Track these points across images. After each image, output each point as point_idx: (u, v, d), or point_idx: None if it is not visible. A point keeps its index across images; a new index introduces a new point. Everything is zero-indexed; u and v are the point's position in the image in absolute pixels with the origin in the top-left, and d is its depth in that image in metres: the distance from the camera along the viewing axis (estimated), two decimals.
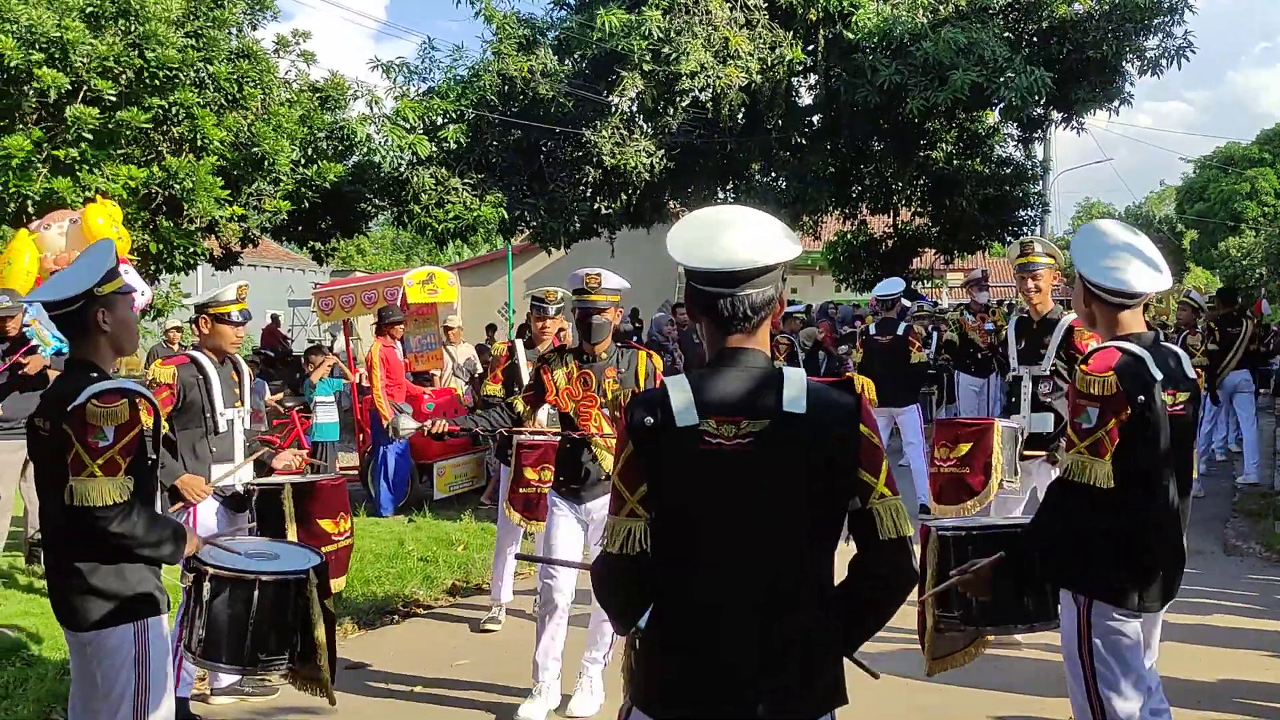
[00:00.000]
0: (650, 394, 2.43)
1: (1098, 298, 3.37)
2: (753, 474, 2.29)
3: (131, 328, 3.54)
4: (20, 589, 6.97)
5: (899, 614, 2.44)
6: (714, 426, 2.30)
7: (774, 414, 2.29)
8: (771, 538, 2.30)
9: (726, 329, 2.39)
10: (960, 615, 3.62)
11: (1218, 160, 44.41)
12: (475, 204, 15.74)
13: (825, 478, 2.31)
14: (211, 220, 11.93)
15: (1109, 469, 3.15)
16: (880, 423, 9.95)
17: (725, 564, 2.31)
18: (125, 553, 3.30)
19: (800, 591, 2.31)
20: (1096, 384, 3.17)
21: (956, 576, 3.46)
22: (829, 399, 2.35)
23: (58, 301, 3.42)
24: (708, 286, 2.37)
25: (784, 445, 2.29)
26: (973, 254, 23.03)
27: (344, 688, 5.39)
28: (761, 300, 2.37)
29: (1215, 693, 5.21)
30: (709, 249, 2.37)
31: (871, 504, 2.33)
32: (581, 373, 5.18)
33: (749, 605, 2.29)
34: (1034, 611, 3.59)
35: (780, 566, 2.31)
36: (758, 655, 2.28)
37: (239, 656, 3.76)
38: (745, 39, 15.95)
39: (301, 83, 14.91)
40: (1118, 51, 15.80)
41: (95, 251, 3.57)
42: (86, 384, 3.29)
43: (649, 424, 2.34)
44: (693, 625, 2.32)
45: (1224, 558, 8.27)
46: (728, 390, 2.34)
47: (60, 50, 10.54)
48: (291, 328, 27.91)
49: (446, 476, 10.13)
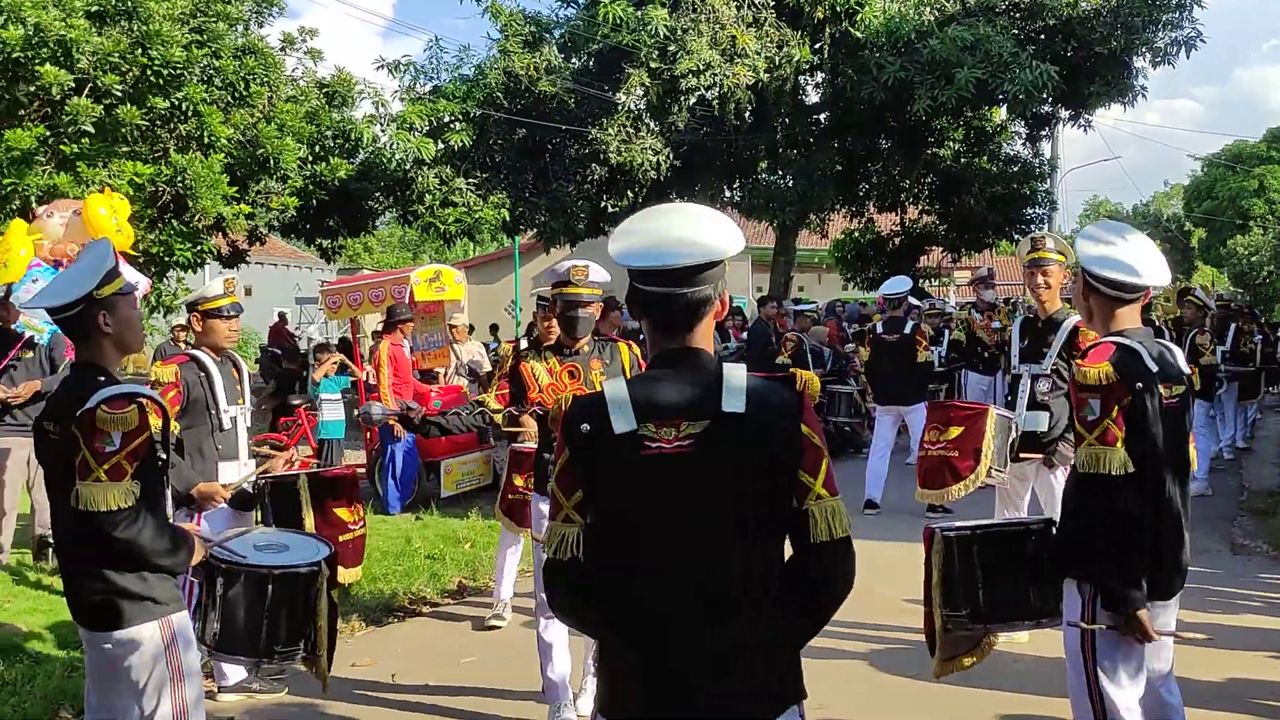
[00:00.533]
0: (588, 400, 2.38)
1: (1097, 291, 3.44)
2: (693, 476, 2.25)
3: (135, 325, 3.52)
4: (29, 585, 6.98)
5: (898, 611, 2.43)
6: (653, 431, 2.26)
7: (713, 414, 2.25)
8: (714, 539, 2.26)
9: (666, 329, 2.36)
10: (968, 614, 3.61)
11: (1226, 158, 44.31)
12: (479, 204, 15.75)
13: (768, 476, 2.27)
14: (219, 218, 11.94)
15: (1123, 455, 3.20)
16: (888, 421, 10.01)
17: (668, 568, 2.27)
18: (132, 561, 3.29)
19: (746, 592, 2.27)
20: (1094, 375, 3.24)
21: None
22: (770, 397, 2.30)
23: (58, 307, 3.40)
24: (645, 286, 2.33)
25: (724, 446, 2.25)
26: (980, 252, 22.99)
27: (350, 685, 5.42)
28: (699, 298, 2.32)
29: (1224, 692, 5.20)
30: (644, 246, 2.33)
31: (808, 505, 2.29)
32: (565, 366, 5.07)
33: (694, 609, 2.25)
34: (1041, 607, 3.59)
35: (725, 568, 2.27)
36: (708, 659, 2.25)
37: (255, 649, 3.76)
38: (752, 37, 15.95)
39: (308, 80, 14.92)
40: (1127, 46, 15.75)
41: (93, 253, 3.53)
42: (95, 388, 3.27)
43: (585, 431, 2.31)
44: (639, 632, 2.29)
45: (1231, 557, 8.24)
46: (666, 393, 2.29)
47: (64, 49, 10.56)
48: (299, 325, 27.95)
49: (454, 474, 10.14)
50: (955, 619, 3.62)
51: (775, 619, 2.30)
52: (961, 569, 3.59)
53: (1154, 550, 3.31)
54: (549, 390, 5.01)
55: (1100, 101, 17.03)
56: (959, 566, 3.59)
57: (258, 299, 29.64)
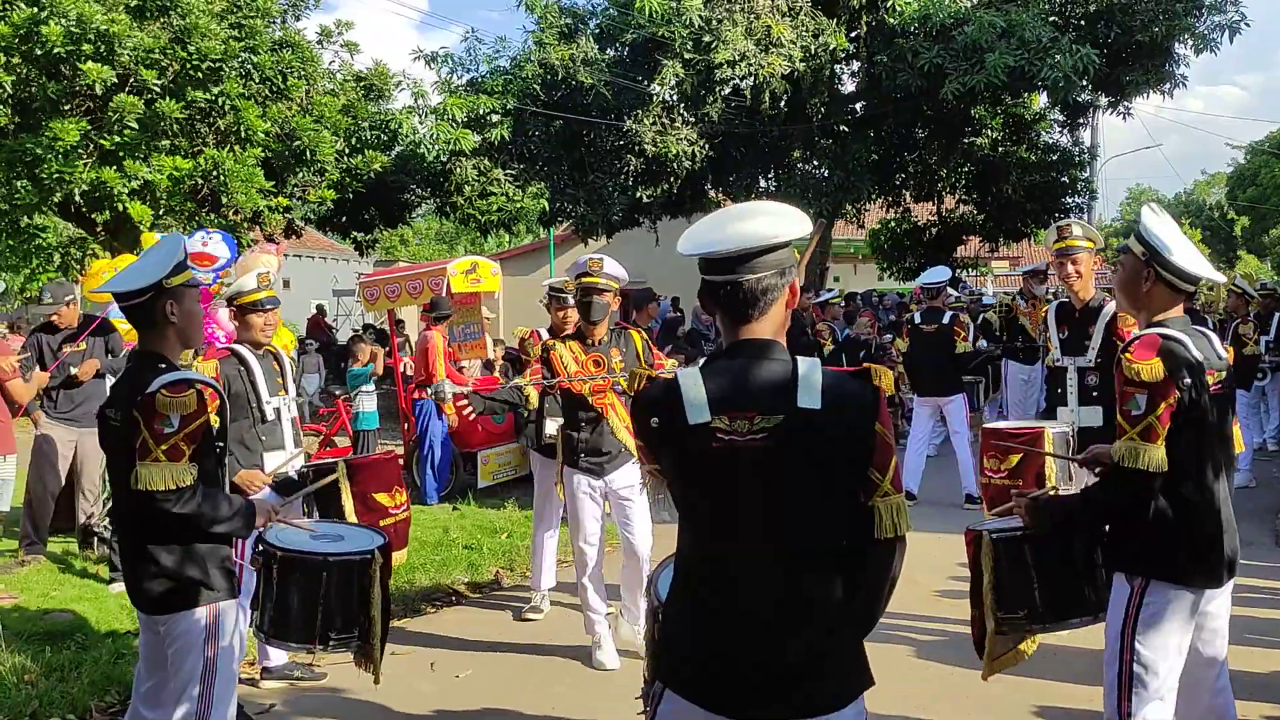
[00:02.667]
0: (659, 391, 2.37)
1: (1168, 282, 3.35)
2: (766, 470, 2.25)
3: (198, 321, 3.62)
4: (75, 574, 7.09)
5: (931, 603, 2.44)
6: (726, 423, 2.26)
7: (788, 410, 2.25)
8: (786, 532, 2.28)
9: (735, 318, 2.35)
10: (1025, 615, 3.56)
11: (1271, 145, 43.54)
12: (518, 195, 15.78)
13: (840, 473, 2.29)
14: (256, 211, 12.05)
15: (1162, 454, 3.16)
16: (925, 412, 9.93)
17: (739, 558, 2.29)
18: (195, 531, 3.38)
19: (819, 587, 2.29)
20: (1143, 370, 3.18)
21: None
22: (845, 394, 2.29)
23: (128, 293, 3.48)
24: (710, 275, 2.35)
25: (798, 441, 2.25)
26: (1018, 242, 22.79)
27: (389, 673, 5.46)
28: (764, 285, 2.32)
29: (1269, 684, 5.14)
30: (707, 236, 2.35)
31: (874, 501, 2.31)
32: (591, 356, 5.64)
33: (767, 599, 2.27)
34: (1098, 601, 3.54)
35: (796, 560, 2.29)
36: (778, 648, 2.26)
37: (310, 635, 3.82)
38: (788, 27, 15.86)
39: (345, 73, 15.00)
40: (1168, 33, 15.51)
41: (165, 245, 3.63)
42: (156, 375, 3.36)
43: (655, 425, 2.33)
44: (710, 618, 2.31)
45: (1275, 549, 8.13)
46: (740, 385, 2.29)
47: (106, 44, 10.68)
48: (336, 317, 28.17)
49: (490, 465, 10.18)
50: (1012, 621, 3.58)
51: (843, 611, 2.33)
52: (1014, 570, 3.55)
53: (1203, 543, 3.28)
54: (577, 376, 5.59)
55: (1139, 90, 16.78)
56: (1011, 568, 3.55)
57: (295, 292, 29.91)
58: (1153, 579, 3.28)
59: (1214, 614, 3.39)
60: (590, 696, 5.27)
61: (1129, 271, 3.45)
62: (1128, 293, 3.50)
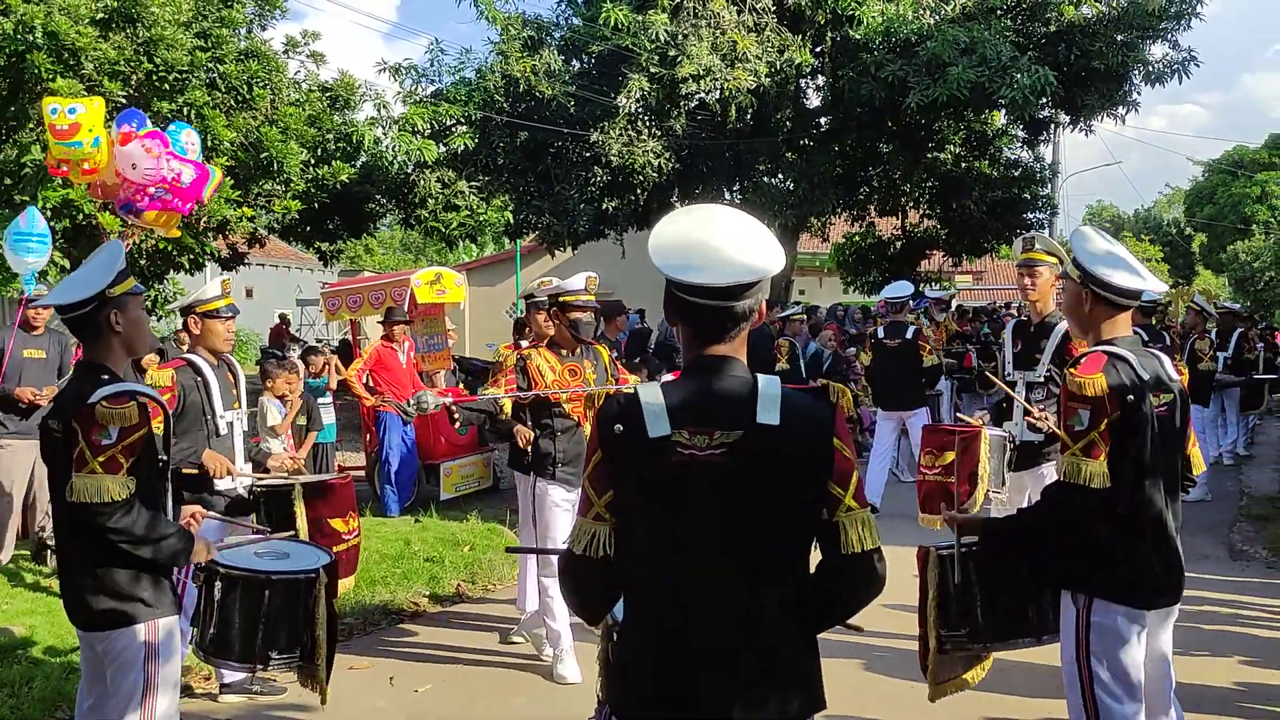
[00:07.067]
0: (621, 402, 2.37)
1: (1105, 300, 3.42)
2: (725, 485, 2.26)
3: (144, 328, 3.55)
4: (26, 587, 6.99)
5: (899, 618, 2.45)
6: (686, 437, 2.27)
7: (748, 425, 2.26)
8: (743, 548, 2.28)
9: (709, 338, 2.36)
10: (967, 633, 3.56)
11: (1227, 163, 44.30)
12: (482, 207, 15.75)
13: (799, 488, 2.30)
14: (222, 220, 11.95)
15: (1103, 469, 3.20)
16: (888, 425, 10.00)
17: (696, 575, 2.29)
18: (128, 548, 3.29)
19: (774, 602, 2.29)
20: (1087, 386, 3.23)
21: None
22: (803, 410, 2.31)
23: (70, 304, 3.41)
24: (695, 298, 2.32)
25: (756, 456, 2.26)
26: (980, 257, 22.99)
27: (349, 689, 5.42)
28: (746, 310, 2.33)
29: (1222, 698, 5.21)
30: (700, 264, 2.30)
31: (838, 517, 2.31)
32: (566, 366, 5.70)
33: (724, 617, 2.27)
34: (1039, 624, 3.56)
35: (753, 577, 2.29)
36: (736, 668, 2.26)
37: (250, 654, 3.76)
38: (753, 42, 15.96)
39: (311, 83, 14.92)
40: (1122, 61, 15.81)
41: (105, 252, 3.55)
42: (97, 386, 3.30)
43: (618, 431, 2.32)
44: (666, 639, 2.30)
45: (1230, 562, 8.25)
46: (702, 400, 2.30)
47: (74, 56, 10.57)
48: (299, 327, 27.96)
49: (453, 477, 10.13)
50: (953, 638, 3.58)
51: (800, 627, 2.34)
52: (958, 587, 3.55)
53: (1142, 563, 3.31)
54: (554, 385, 5.61)
55: (1094, 113, 17.15)
56: (956, 585, 3.55)
57: (258, 301, 29.68)
58: (1096, 598, 3.31)
59: (1158, 635, 3.43)
60: (552, 710, 5.26)
61: (1071, 296, 3.53)
62: (1073, 316, 3.57)
